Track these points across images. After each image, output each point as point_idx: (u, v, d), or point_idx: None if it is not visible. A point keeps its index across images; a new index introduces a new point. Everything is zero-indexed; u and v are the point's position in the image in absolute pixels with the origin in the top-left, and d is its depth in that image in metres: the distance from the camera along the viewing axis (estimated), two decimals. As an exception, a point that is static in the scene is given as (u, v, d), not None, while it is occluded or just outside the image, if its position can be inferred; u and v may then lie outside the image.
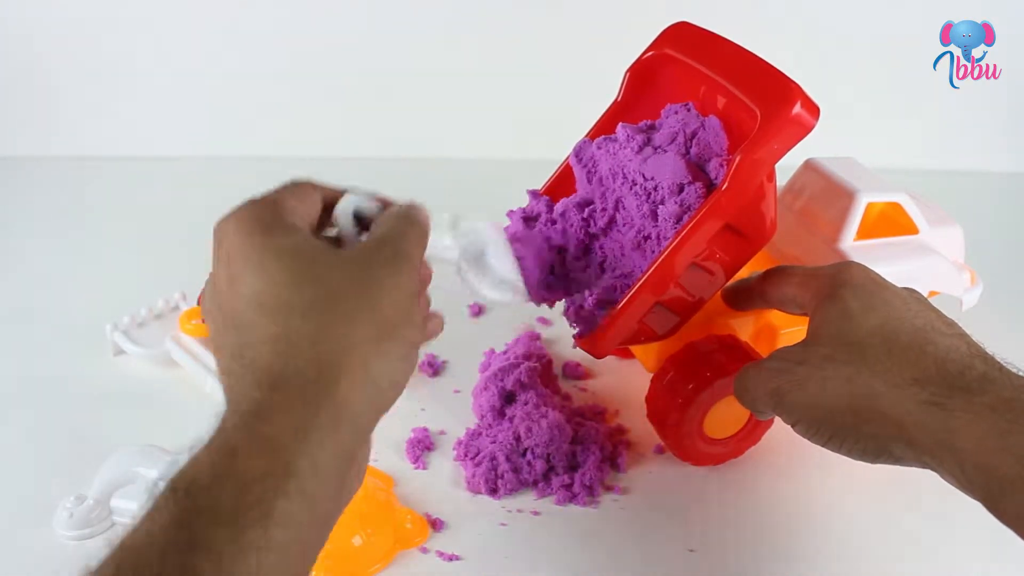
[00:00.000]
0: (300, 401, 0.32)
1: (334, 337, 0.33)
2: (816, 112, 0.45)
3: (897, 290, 0.45)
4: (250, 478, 0.29)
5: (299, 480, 0.30)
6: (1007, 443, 0.37)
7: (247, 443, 0.30)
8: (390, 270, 0.35)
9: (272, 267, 0.34)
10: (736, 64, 0.49)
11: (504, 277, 0.46)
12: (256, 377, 0.32)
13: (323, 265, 0.34)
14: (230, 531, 0.28)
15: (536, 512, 0.54)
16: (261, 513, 0.29)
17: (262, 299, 0.34)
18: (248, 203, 0.37)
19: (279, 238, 0.35)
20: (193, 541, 0.28)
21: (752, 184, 0.46)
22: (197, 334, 0.66)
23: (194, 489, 0.29)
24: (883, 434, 0.42)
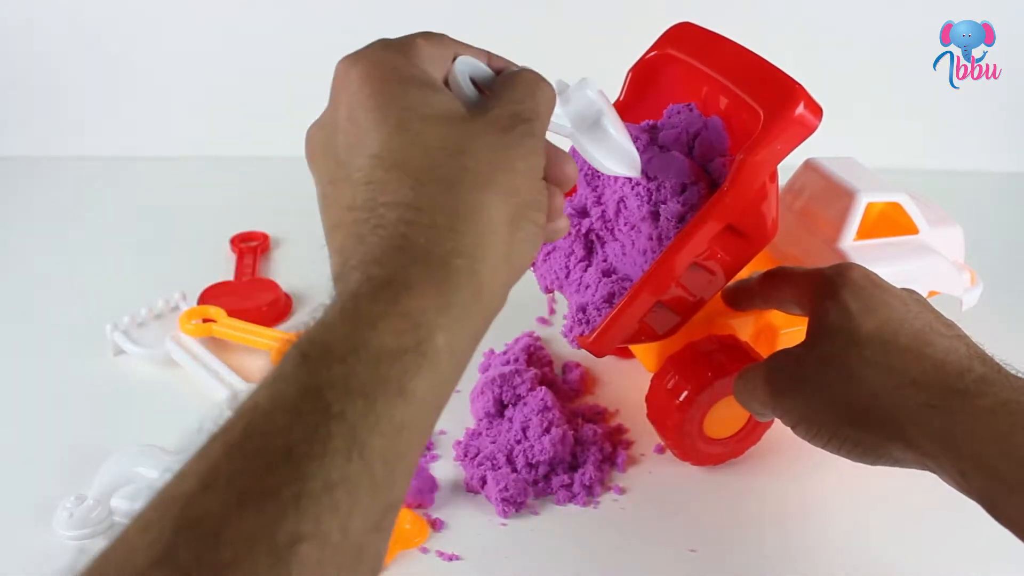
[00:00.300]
0: (444, 277, 0.30)
1: (477, 214, 0.31)
2: (819, 113, 0.45)
3: (896, 291, 0.45)
4: (387, 352, 0.28)
5: (435, 362, 0.29)
6: (1005, 446, 0.37)
7: (386, 315, 0.28)
8: (528, 148, 0.34)
9: (411, 126, 0.31)
10: (739, 64, 0.49)
11: (623, 146, 0.44)
12: (392, 242, 0.30)
13: (463, 134, 0.32)
14: (364, 403, 0.26)
15: (536, 512, 0.54)
16: (395, 390, 0.27)
17: (397, 158, 0.31)
18: (380, 45, 0.34)
19: (418, 92, 0.32)
20: (327, 410, 0.26)
21: (755, 184, 0.46)
22: (197, 334, 0.66)
23: (328, 358, 0.27)
24: (882, 436, 0.42)
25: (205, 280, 0.73)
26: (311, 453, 0.25)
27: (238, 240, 0.81)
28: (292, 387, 0.26)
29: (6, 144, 0.98)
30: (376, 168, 0.31)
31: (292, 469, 0.25)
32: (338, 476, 0.25)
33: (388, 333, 0.28)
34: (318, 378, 0.27)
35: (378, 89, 0.32)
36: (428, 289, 0.29)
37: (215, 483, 0.24)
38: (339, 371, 0.27)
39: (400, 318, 0.28)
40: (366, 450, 0.26)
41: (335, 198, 0.33)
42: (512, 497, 0.53)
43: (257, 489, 0.24)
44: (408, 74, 0.33)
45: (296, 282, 0.75)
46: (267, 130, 0.98)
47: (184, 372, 0.64)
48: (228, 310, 0.68)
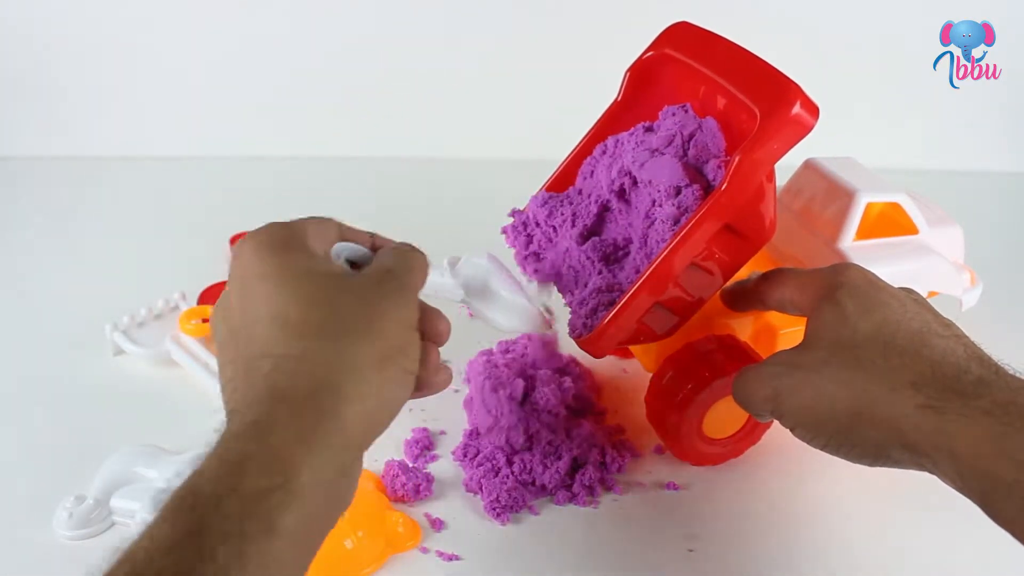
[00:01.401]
0: (306, 416, 0.33)
1: (341, 358, 0.35)
2: (815, 112, 0.45)
3: (894, 291, 0.45)
4: (256, 493, 0.30)
5: (301, 494, 0.31)
6: (1003, 447, 0.37)
7: (253, 455, 0.31)
8: (395, 300, 0.37)
9: (289, 286, 0.35)
10: (736, 64, 0.49)
11: (512, 303, 0.48)
12: (264, 390, 0.33)
13: (335, 289, 0.36)
14: (236, 544, 0.29)
15: (536, 512, 0.54)
16: (265, 527, 0.30)
17: (276, 316, 0.35)
18: (269, 225, 0.38)
19: (297, 259, 0.36)
20: (200, 553, 0.28)
21: (751, 184, 0.46)
22: (197, 334, 0.66)
23: (199, 502, 0.30)
24: (880, 438, 0.42)
25: (205, 280, 0.73)
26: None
27: (238, 240, 0.81)
28: (170, 531, 0.29)
29: (6, 144, 0.98)
30: (264, 326, 0.35)
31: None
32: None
33: (255, 473, 0.31)
34: (193, 521, 0.29)
35: (265, 256, 0.36)
36: (292, 428, 0.32)
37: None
38: (212, 513, 0.29)
39: (267, 457, 0.31)
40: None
41: (229, 356, 0.37)
42: (506, 506, 0.53)
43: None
44: (292, 244, 0.37)
45: (296, 282, 0.75)
46: (267, 130, 0.98)
47: (184, 372, 0.64)
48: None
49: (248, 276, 0.36)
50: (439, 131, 0.98)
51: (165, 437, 0.56)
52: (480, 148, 0.97)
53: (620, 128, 0.54)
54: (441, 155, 0.98)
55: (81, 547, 0.51)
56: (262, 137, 0.98)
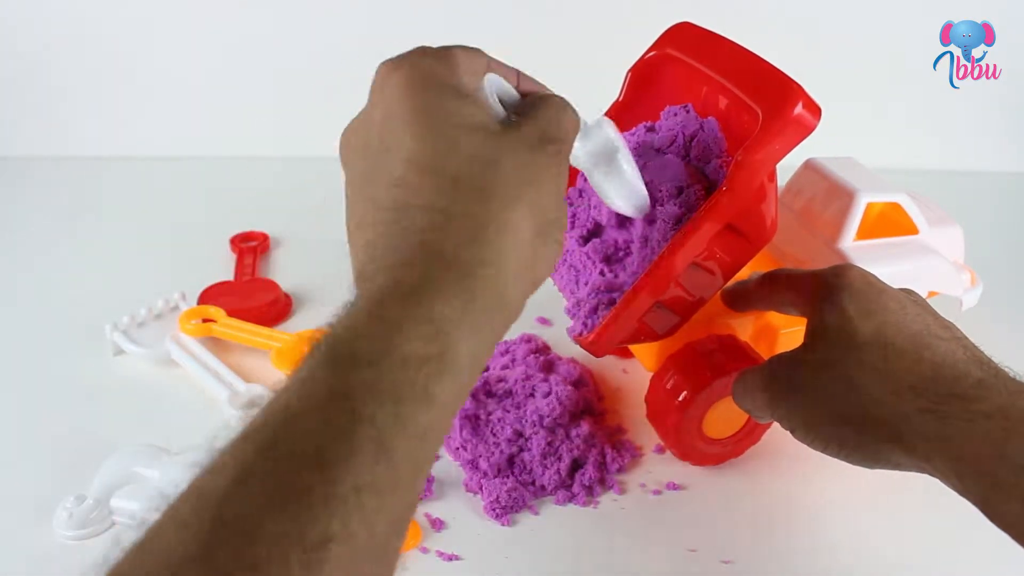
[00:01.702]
0: (469, 285, 0.30)
1: (504, 226, 0.32)
2: (818, 112, 0.45)
3: (894, 293, 0.45)
4: (414, 358, 0.28)
5: (456, 366, 0.29)
6: (1003, 451, 0.37)
7: (413, 319, 0.29)
8: (555, 167, 0.35)
9: (446, 135, 0.32)
10: (738, 64, 0.49)
11: (634, 186, 0.45)
12: (419, 247, 0.31)
13: (496, 146, 0.33)
14: (391, 408, 0.27)
15: (536, 512, 0.54)
16: (421, 395, 0.28)
17: (431, 163, 0.32)
18: (420, 52, 0.35)
19: (454, 101, 0.33)
20: (355, 413, 0.27)
21: (753, 184, 0.46)
22: (197, 334, 0.66)
23: (357, 362, 0.28)
24: (880, 441, 0.42)
25: (205, 280, 0.73)
26: (340, 456, 0.26)
27: (238, 240, 0.81)
28: (322, 390, 0.27)
29: (6, 144, 0.98)
30: (409, 171, 0.32)
31: (322, 471, 0.25)
32: (366, 479, 0.26)
33: (415, 339, 0.28)
34: (347, 381, 0.27)
35: (417, 95, 0.33)
36: (453, 296, 0.30)
37: (249, 483, 0.25)
38: (367, 375, 0.27)
39: (426, 324, 0.29)
40: (392, 453, 0.27)
41: (364, 196, 0.33)
42: (506, 506, 0.53)
43: (289, 490, 0.25)
44: (446, 83, 0.34)
45: (296, 282, 0.76)
46: (267, 130, 0.98)
47: (184, 372, 0.64)
48: (228, 310, 0.68)
49: (393, 109, 0.33)
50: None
51: (165, 437, 0.56)
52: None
53: (622, 128, 0.54)
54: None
55: (81, 547, 0.51)
56: (262, 137, 0.98)
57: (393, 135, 0.33)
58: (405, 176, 0.32)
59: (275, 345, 0.65)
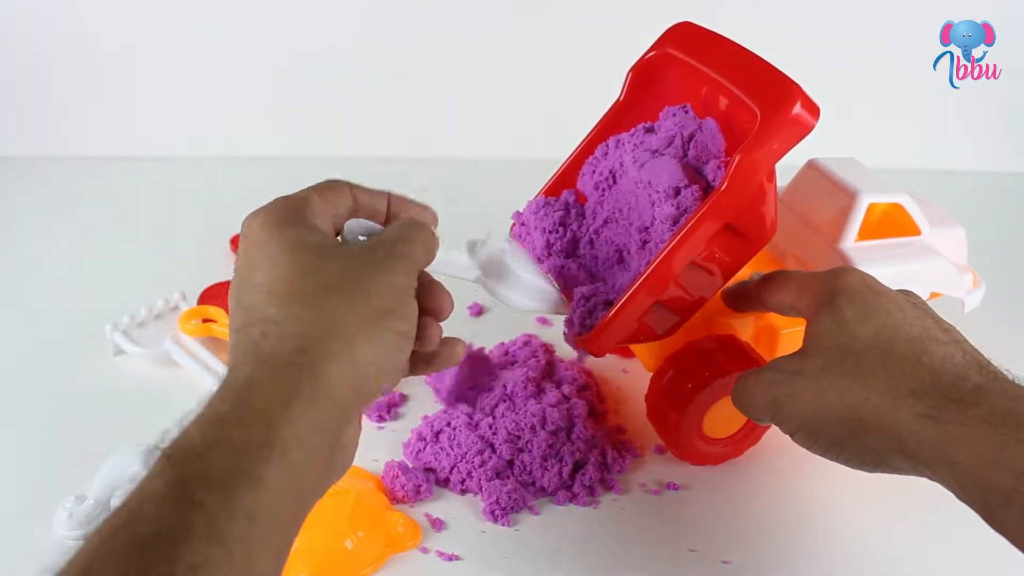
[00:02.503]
0: (285, 374, 0.34)
1: (323, 320, 0.35)
2: (816, 112, 0.45)
3: (893, 296, 0.45)
4: (239, 446, 0.31)
5: (283, 450, 0.32)
6: (1001, 456, 0.37)
7: (236, 413, 0.32)
8: (382, 266, 0.38)
9: (282, 258, 0.37)
10: (737, 64, 0.49)
11: (532, 283, 0.47)
12: (248, 354, 0.35)
13: (323, 257, 0.37)
14: (221, 494, 0.30)
15: (536, 512, 0.54)
16: (250, 479, 0.31)
17: (269, 285, 0.36)
18: (277, 200, 0.39)
19: (294, 232, 0.37)
20: (188, 501, 0.29)
21: (752, 184, 0.46)
22: (197, 334, 0.66)
23: (186, 456, 0.31)
24: (880, 446, 0.42)
25: (205, 280, 0.73)
26: (175, 539, 0.29)
27: (238, 240, 0.81)
28: (158, 482, 0.30)
29: (6, 144, 0.97)
30: (257, 295, 0.37)
31: (159, 552, 0.28)
32: (201, 559, 0.28)
33: (238, 427, 0.32)
34: (181, 472, 0.30)
35: (268, 234, 0.37)
36: (271, 386, 0.33)
37: (93, 569, 0.28)
38: (199, 465, 0.31)
39: (248, 414, 0.32)
40: (224, 536, 0.29)
41: (231, 326, 0.38)
42: (506, 508, 0.53)
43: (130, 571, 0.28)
44: (295, 220, 0.38)
45: (296, 282, 0.75)
46: (267, 130, 0.98)
47: (184, 372, 0.64)
48: (228, 310, 0.68)
49: (251, 248, 0.38)
50: (440, 131, 0.98)
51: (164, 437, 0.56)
52: (481, 148, 0.97)
53: (622, 128, 0.54)
54: (442, 155, 0.98)
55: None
56: (262, 137, 0.98)
57: (252, 271, 0.37)
58: (254, 301, 0.37)
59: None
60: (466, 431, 0.57)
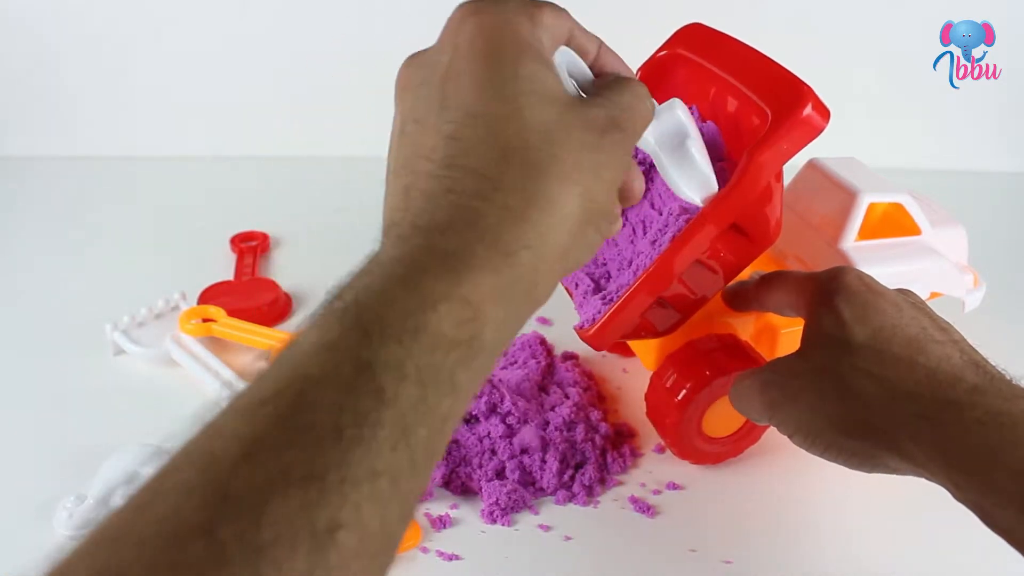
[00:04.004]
0: (506, 265, 0.29)
1: (552, 208, 0.30)
2: (827, 115, 0.45)
3: (891, 295, 0.45)
4: (445, 341, 0.27)
5: (480, 353, 0.28)
6: (996, 458, 0.37)
7: (447, 297, 0.27)
8: (615, 157, 0.33)
9: (515, 99, 0.31)
10: (749, 65, 0.49)
11: (703, 172, 0.43)
12: (463, 213, 0.29)
13: (563, 123, 0.31)
14: (417, 392, 0.26)
15: (536, 512, 0.54)
16: (446, 382, 0.27)
17: (491, 125, 0.30)
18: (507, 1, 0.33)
19: (529, 64, 0.31)
20: (380, 394, 0.25)
21: (760, 183, 0.46)
22: (197, 334, 0.66)
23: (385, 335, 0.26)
24: (877, 447, 0.42)
25: (205, 280, 0.73)
26: (360, 438, 0.24)
27: (238, 240, 0.81)
28: (346, 362, 0.25)
29: (6, 144, 0.98)
30: (468, 126, 0.30)
31: (340, 452, 0.24)
32: (383, 465, 0.25)
33: (447, 321, 0.27)
34: (374, 356, 0.26)
35: (493, 48, 0.31)
36: (490, 277, 0.29)
37: (261, 453, 0.24)
38: (396, 352, 0.26)
39: (461, 306, 0.28)
40: (412, 440, 0.26)
41: (414, 139, 0.32)
42: (506, 509, 0.53)
43: (303, 469, 0.24)
44: (525, 41, 0.32)
45: (296, 282, 0.75)
46: (268, 130, 0.98)
47: (184, 372, 0.64)
48: (228, 310, 0.68)
49: (466, 58, 0.31)
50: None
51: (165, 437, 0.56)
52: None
53: None
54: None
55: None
56: (262, 137, 0.98)
57: (457, 83, 0.31)
58: (461, 130, 0.30)
59: (275, 345, 0.65)
60: (466, 432, 0.57)
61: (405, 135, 0.33)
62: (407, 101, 0.33)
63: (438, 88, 0.32)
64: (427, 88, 0.32)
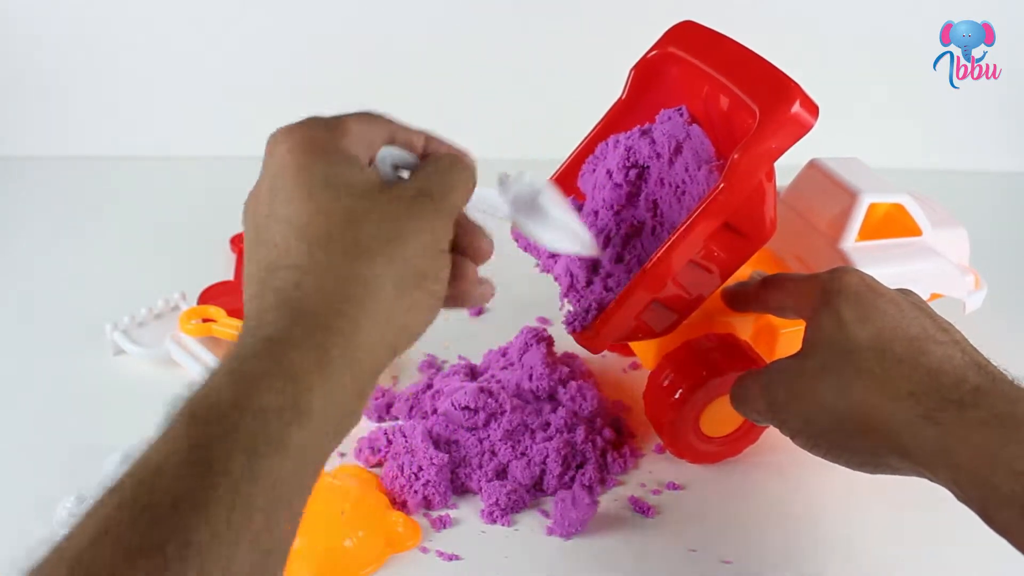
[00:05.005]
0: (320, 337, 0.32)
1: (362, 278, 0.33)
2: (815, 111, 0.45)
3: (892, 295, 0.45)
4: (269, 411, 0.29)
5: (311, 414, 0.30)
6: (1000, 458, 0.38)
7: (269, 375, 0.30)
8: (425, 221, 0.36)
9: (316, 195, 0.34)
10: (738, 63, 0.49)
11: (564, 222, 0.44)
12: (278, 303, 0.33)
13: (363, 204, 0.34)
14: (247, 460, 0.28)
15: (536, 512, 0.54)
16: (276, 445, 0.29)
17: (298, 223, 0.34)
18: (310, 121, 0.36)
19: (333, 166, 0.35)
20: (211, 465, 0.28)
21: (750, 182, 0.46)
22: (197, 334, 0.66)
23: (213, 416, 0.29)
24: (879, 448, 0.42)
25: (205, 280, 0.73)
26: (196, 506, 0.27)
27: (238, 240, 0.81)
28: (181, 443, 0.28)
29: (6, 144, 0.97)
30: (286, 234, 0.34)
31: (178, 521, 0.26)
32: (222, 527, 0.27)
33: (269, 391, 0.30)
34: (204, 434, 0.28)
35: (299, 161, 0.34)
36: (308, 348, 0.31)
37: (104, 538, 0.26)
38: (223, 428, 0.29)
39: (280, 376, 0.30)
40: (248, 503, 0.28)
41: (251, 257, 0.35)
42: (506, 509, 0.53)
43: (145, 543, 0.26)
44: (329, 149, 0.35)
45: (296, 282, 0.75)
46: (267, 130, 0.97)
47: (184, 372, 0.64)
48: (228, 310, 0.68)
49: (278, 175, 0.35)
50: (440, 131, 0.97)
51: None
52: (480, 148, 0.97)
53: (624, 126, 0.54)
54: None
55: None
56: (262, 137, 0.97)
57: (274, 200, 0.34)
58: (279, 239, 0.34)
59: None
60: (466, 434, 0.57)
61: (247, 256, 0.36)
62: (246, 229, 0.36)
63: (264, 210, 0.35)
64: (256, 214, 0.36)
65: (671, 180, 0.50)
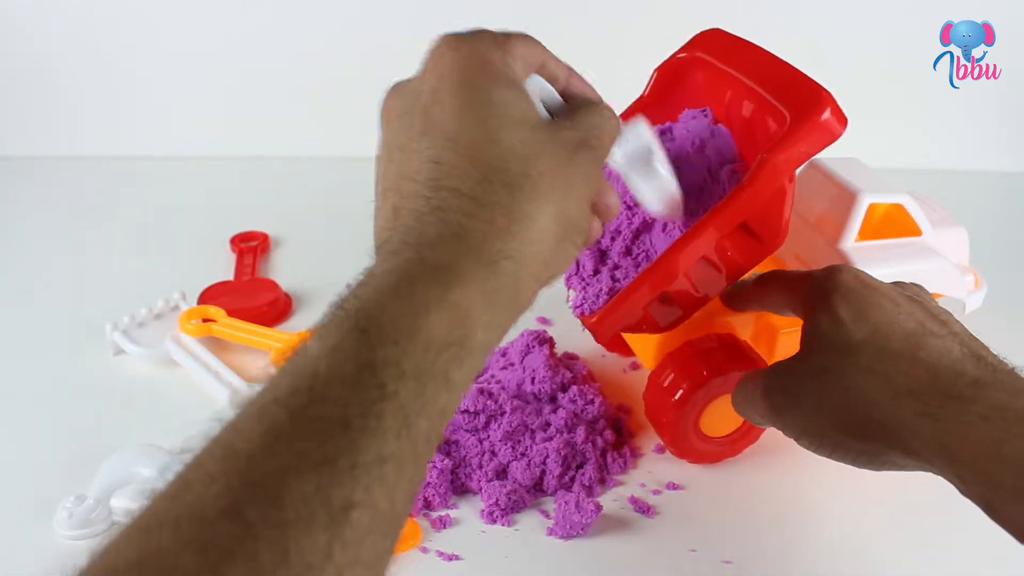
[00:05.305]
0: (491, 275, 0.32)
1: (531, 222, 0.33)
2: (844, 121, 0.45)
3: (887, 290, 0.45)
4: (437, 342, 0.29)
5: (472, 352, 0.31)
6: (1002, 453, 0.37)
7: (438, 304, 0.30)
8: (587, 173, 0.36)
9: (491, 122, 0.33)
10: (768, 70, 0.49)
11: (667, 184, 0.45)
12: (449, 228, 0.32)
13: (537, 143, 0.34)
14: (415, 387, 0.28)
15: (536, 512, 0.54)
16: (442, 378, 0.29)
17: (471, 148, 0.33)
18: (480, 35, 0.36)
19: (504, 91, 0.34)
20: (382, 388, 0.28)
21: (774, 183, 0.46)
22: (197, 334, 0.66)
23: (384, 338, 0.29)
24: (883, 445, 0.42)
25: (205, 280, 0.73)
26: (366, 427, 0.27)
27: (238, 240, 0.81)
28: (351, 361, 0.28)
29: (6, 144, 0.98)
30: (448, 151, 0.33)
31: (349, 440, 0.26)
32: (388, 451, 0.27)
33: (439, 324, 0.30)
34: (375, 356, 0.28)
35: (469, 78, 0.34)
36: (477, 284, 0.31)
37: (277, 445, 0.26)
38: (393, 352, 0.28)
39: (450, 310, 0.30)
40: (413, 430, 0.28)
41: (399, 164, 0.35)
42: (505, 509, 0.53)
43: (317, 455, 0.26)
44: (499, 71, 0.34)
45: (296, 282, 0.75)
46: (267, 130, 0.98)
47: (184, 372, 0.64)
48: (228, 310, 0.68)
49: (446, 92, 0.34)
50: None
51: (165, 437, 0.56)
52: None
53: None
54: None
55: (81, 547, 0.51)
56: (262, 137, 0.98)
57: (438, 111, 0.34)
58: (442, 154, 0.33)
59: (275, 345, 0.65)
60: (466, 434, 0.57)
61: (390, 162, 0.36)
62: (391, 128, 0.36)
63: (420, 116, 0.34)
64: (409, 116, 0.35)
65: (690, 178, 0.50)
